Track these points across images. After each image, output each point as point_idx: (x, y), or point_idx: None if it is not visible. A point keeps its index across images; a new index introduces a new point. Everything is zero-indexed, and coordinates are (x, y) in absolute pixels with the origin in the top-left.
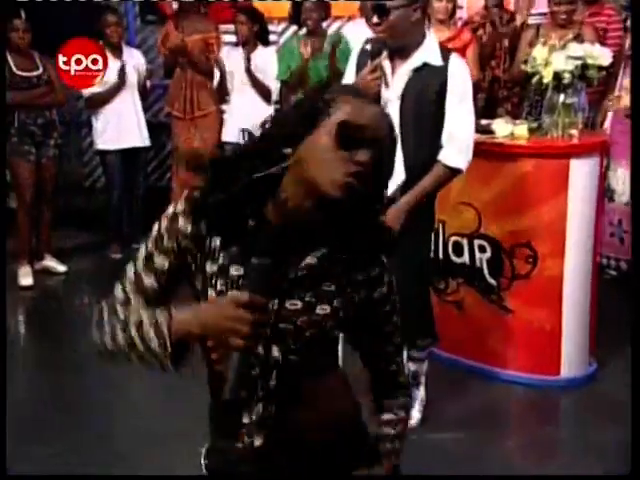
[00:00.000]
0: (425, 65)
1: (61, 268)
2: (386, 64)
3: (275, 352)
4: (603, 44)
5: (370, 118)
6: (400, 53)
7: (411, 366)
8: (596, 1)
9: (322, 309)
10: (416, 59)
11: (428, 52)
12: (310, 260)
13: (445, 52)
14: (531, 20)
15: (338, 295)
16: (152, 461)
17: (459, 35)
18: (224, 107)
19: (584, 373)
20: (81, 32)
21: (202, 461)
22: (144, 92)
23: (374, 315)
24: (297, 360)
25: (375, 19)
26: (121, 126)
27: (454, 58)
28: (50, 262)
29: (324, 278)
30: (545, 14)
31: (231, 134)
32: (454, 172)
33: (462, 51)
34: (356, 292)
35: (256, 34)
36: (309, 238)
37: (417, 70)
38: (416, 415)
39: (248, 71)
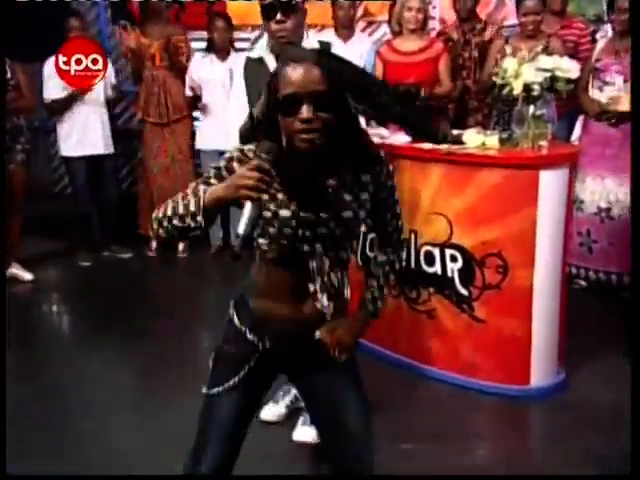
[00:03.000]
0: None
1: (28, 276)
2: (273, 65)
3: (319, 248)
4: (574, 57)
5: (296, 80)
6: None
7: None
8: (563, 13)
9: (346, 213)
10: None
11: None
12: (332, 181)
13: (324, 47)
14: (504, 32)
15: (354, 201)
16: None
17: (431, 45)
18: (198, 114)
19: (553, 382)
20: (52, 36)
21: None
22: (111, 99)
23: (379, 202)
24: (333, 254)
25: (280, 16)
26: (85, 133)
27: (334, 51)
28: (17, 270)
29: (343, 190)
30: (514, 26)
31: (205, 141)
32: None
33: (434, 61)
34: (365, 191)
35: (231, 40)
36: (324, 167)
37: None
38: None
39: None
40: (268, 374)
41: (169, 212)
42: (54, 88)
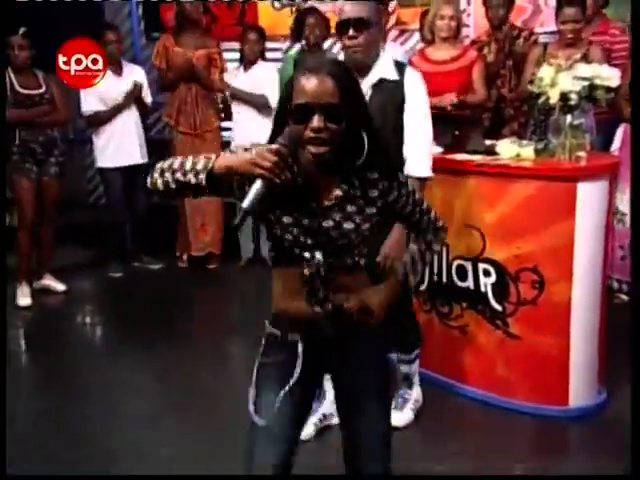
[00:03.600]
0: (382, 80)
1: (60, 287)
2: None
3: (318, 255)
4: (609, 64)
5: (309, 91)
6: (360, 70)
7: (402, 368)
8: (595, 19)
9: (348, 225)
10: (374, 75)
11: (384, 67)
12: (337, 192)
13: (400, 66)
14: (540, 38)
15: (358, 214)
16: None
17: (464, 54)
18: (231, 125)
19: (593, 402)
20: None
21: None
22: (144, 109)
23: (399, 212)
24: (333, 261)
25: (352, 32)
26: (122, 144)
27: (409, 71)
28: (50, 281)
29: (348, 202)
30: (553, 33)
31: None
32: (423, 181)
33: (468, 70)
34: (373, 206)
35: (262, 52)
36: (331, 177)
37: (375, 86)
38: (408, 414)
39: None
40: (316, 374)
41: (175, 165)
42: (92, 101)
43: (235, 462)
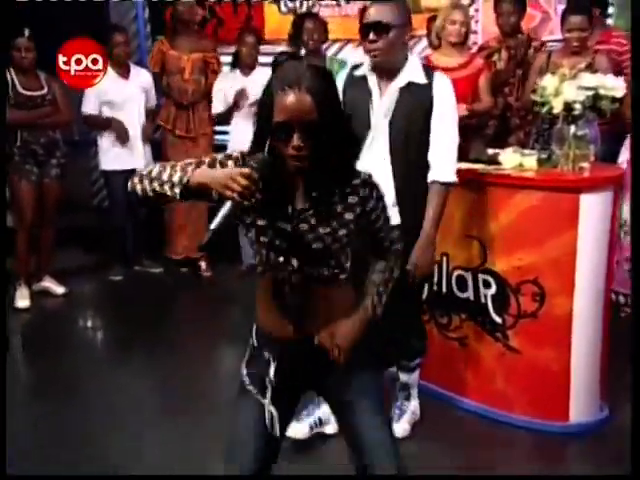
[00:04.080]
0: (410, 84)
1: (60, 290)
2: (373, 83)
3: (294, 262)
4: (616, 73)
5: (288, 108)
6: (387, 73)
7: (402, 376)
8: (596, 28)
9: (323, 229)
10: (402, 78)
11: (412, 71)
12: (314, 195)
13: (429, 70)
14: (548, 47)
15: (335, 218)
16: None
17: (472, 61)
18: (223, 128)
19: (595, 418)
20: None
21: (243, 372)
22: (152, 112)
23: (371, 223)
24: (309, 269)
25: (372, 36)
26: (125, 147)
27: (438, 76)
28: (49, 283)
29: (324, 206)
30: (562, 41)
31: None
32: (449, 186)
33: (475, 78)
34: (351, 212)
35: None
36: (308, 181)
37: (403, 89)
38: (405, 426)
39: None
40: (292, 389)
41: (154, 173)
42: (95, 104)
43: None
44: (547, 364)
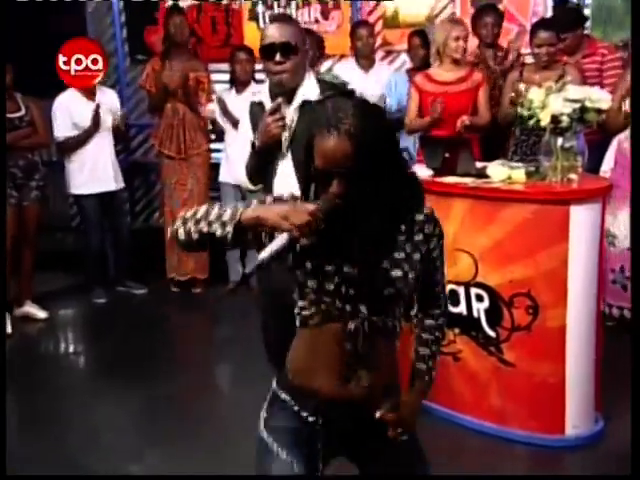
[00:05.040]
0: (306, 102)
1: (42, 314)
2: (284, 105)
3: (363, 310)
4: (599, 83)
5: (328, 155)
6: (285, 95)
7: None
8: (583, 42)
9: (395, 272)
10: (298, 99)
11: (308, 89)
12: (384, 236)
13: (324, 87)
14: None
15: (405, 261)
16: None
17: (470, 75)
18: (219, 146)
19: (591, 430)
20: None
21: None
22: (120, 133)
23: (430, 262)
24: (377, 319)
25: (279, 57)
26: (95, 170)
27: None
28: (30, 308)
29: (392, 248)
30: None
31: (227, 175)
32: None
33: (474, 92)
34: (418, 251)
35: (252, 73)
36: (369, 223)
37: (300, 109)
38: None
39: (225, 113)
40: (326, 451)
41: (199, 214)
42: (64, 126)
43: None
44: (542, 377)
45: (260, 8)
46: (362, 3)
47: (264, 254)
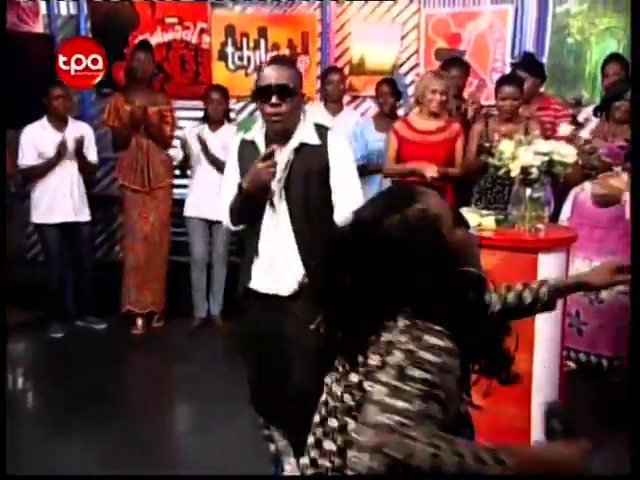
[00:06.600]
0: (303, 145)
1: None
2: (262, 147)
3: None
4: (551, 137)
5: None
6: (280, 136)
7: None
8: (536, 97)
9: None
10: (294, 141)
11: (305, 132)
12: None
13: (322, 130)
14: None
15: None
16: None
17: (449, 126)
18: (184, 182)
19: None
20: (30, 104)
21: None
22: (87, 166)
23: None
24: None
25: (275, 99)
26: (55, 200)
27: (332, 135)
28: None
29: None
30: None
31: (192, 209)
32: None
33: (452, 142)
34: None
35: (225, 112)
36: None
37: (296, 152)
38: None
39: (206, 152)
40: None
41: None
42: (30, 155)
43: None
44: (509, 421)
45: (229, 49)
46: (330, 49)
47: None
